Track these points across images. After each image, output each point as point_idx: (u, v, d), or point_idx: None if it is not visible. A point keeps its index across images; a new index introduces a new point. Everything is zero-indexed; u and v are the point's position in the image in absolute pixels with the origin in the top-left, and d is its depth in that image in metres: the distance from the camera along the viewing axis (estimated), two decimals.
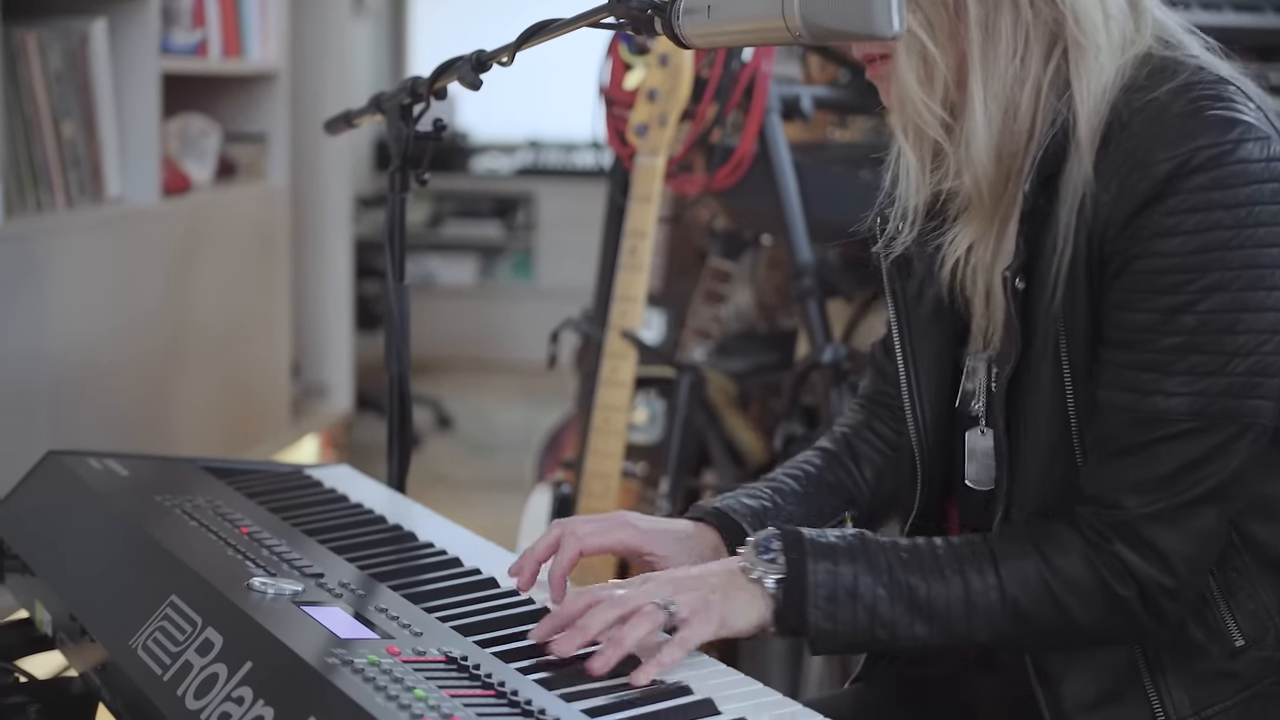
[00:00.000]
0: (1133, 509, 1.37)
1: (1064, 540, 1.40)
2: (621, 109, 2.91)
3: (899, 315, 1.59)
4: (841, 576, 1.40)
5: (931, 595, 1.40)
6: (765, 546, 1.42)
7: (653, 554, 1.57)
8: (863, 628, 1.40)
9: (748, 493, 1.68)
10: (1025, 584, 1.40)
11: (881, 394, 1.77)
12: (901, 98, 1.44)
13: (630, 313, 2.83)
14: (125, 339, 3.57)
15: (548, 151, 7.78)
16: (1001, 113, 1.42)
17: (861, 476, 1.73)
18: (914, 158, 1.47)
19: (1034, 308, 1.43)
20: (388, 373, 1.96)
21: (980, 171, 1.43)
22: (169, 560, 1.53)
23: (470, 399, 6.79)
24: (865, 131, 3.49)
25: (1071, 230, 1.39)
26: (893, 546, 1.43)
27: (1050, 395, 1.43)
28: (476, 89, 1.76)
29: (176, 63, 3.87)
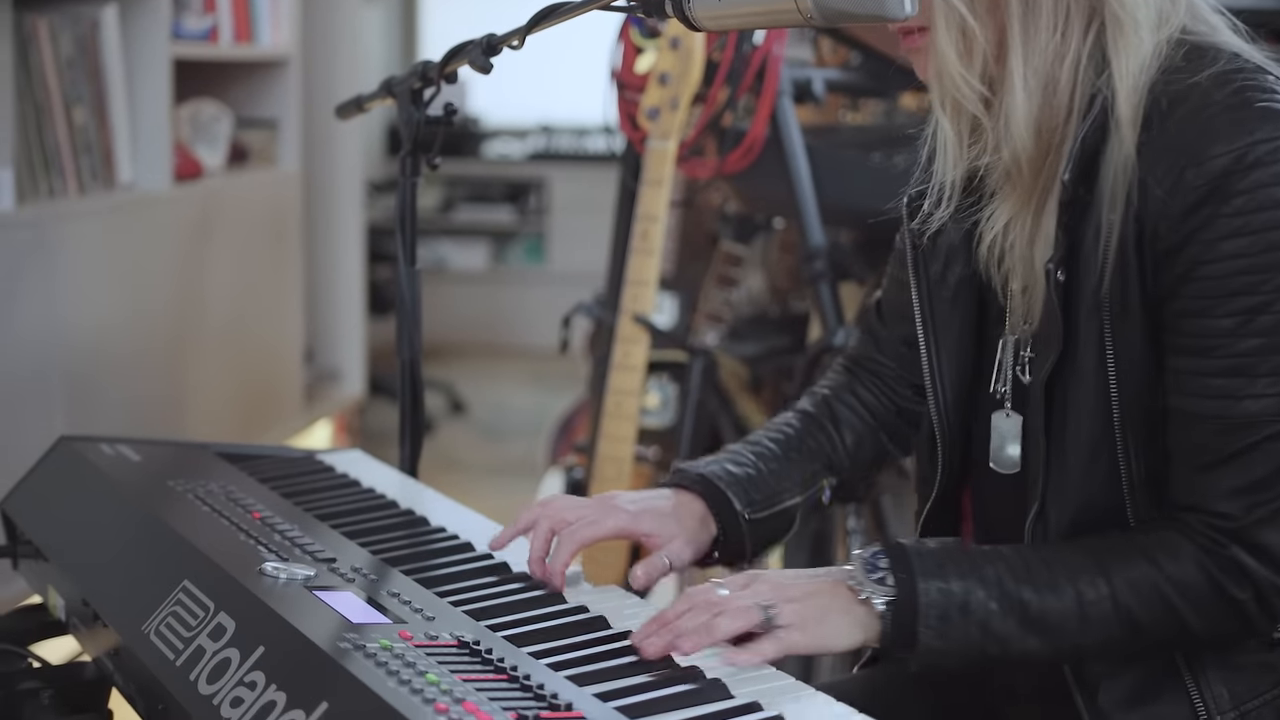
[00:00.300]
0: (1239, 516, 1.35)
1: (1175, 546, 1.37)
2: (633, 93, 2.90)
3: (921, 294, 1.57)
4: (953, 594, 1.37)
5: (1045, 608, 1.37)
6: (873, 564, 1.40)
7: (646, 535, 1.58)
8: (974, 644, 1.38)
9: (731, 458, 1.67)
10: (1138, 592, 1.37)
11: (869, 358, 1.76)
12: (939, 71, 1.41)
13: (642, 297, 2.82)
14: (138, 325, 3.58)
15: (559, 136, 7.77)
16: (1041, 88, 1.39)
17: (841, 442, 1.72)
18: (951, 132, 1.44)
19: (1075, 297, 1.41)
20: (399, 357, 1.96)
21: (1019, 147, 1.40)
22: (181, 545, 1.53)
23: (483, 383, 6.79)
24: (877, 114, 3.48)
25: (1116, 218, 1.37)
26: (1000, 557, 1.40)
27: (1094, 388, 1.41)
28: (487, 73, 1.76)
29: (188, 48, 3.87)
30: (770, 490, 1.65)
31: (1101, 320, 1.39)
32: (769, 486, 1.65)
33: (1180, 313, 1.36)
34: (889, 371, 1.75)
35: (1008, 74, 1.39)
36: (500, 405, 6.52)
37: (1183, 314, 1.35)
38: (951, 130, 1.44)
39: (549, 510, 1.58)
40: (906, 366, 1.72)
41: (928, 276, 1.56)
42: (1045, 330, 1.44)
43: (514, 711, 1.16)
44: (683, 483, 1.64)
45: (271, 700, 1.21)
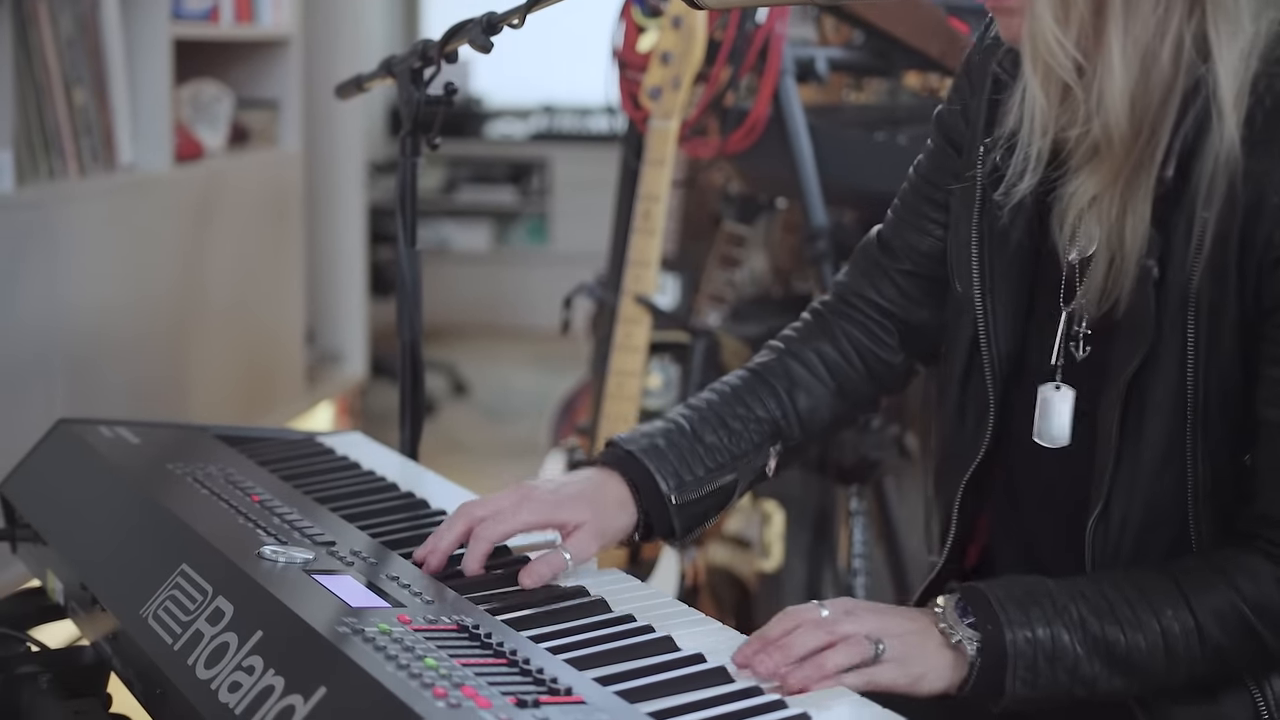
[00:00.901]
0: None
1: (1255, 569, 1.36)
2: (635, 72, 2.89)
3: (982, 253, 1.52)
4: (1040, 644, 1.35)
5: (1130, 647, 1.36)
6: (963, 609, 1.38)
7: (564, 524, 1.53)
8: (1062, 688, 1.36)
9: (666, 429, 1.61)
10: (1223, 621, 1.35)
11: (853, 300, 1.69)
12: (1034, 33, 1.36)
13: (644, 277, 2.81)
14: (139, 307, 3.57)
15: (562, 116, 7.75)
16: (1140, 62, 1.34)
17: (792, 406, 1.66)
18: (1041, 98, 1.39)
19: (1162, 293, 1.38)
20: (400, 339, 1.95)
21: (1113, 120, 1.35)
22: (180, 529, 1.52)
23: (485, 365, 6.78)
24: (880, 94, 3.47)
25: (1212, 215, 1.33)
26: (1081, 595, 1.37)
27: (1173, 389, 1.38)
28: (487, 51, 1.74)
29: (188, 28, 3.86)
30: (706, 467, 1.60)
31: (1186, 319, 1.36)
32: (703, 464, 1.60)
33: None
34: (873, 312, 1.68)
35: (1105, 43, 1.34)
36: (503, 386, 6.51)
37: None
38: (1041, 96, 1.39)
39: (465, 508, 1.54)
40: (905, 302, 1.66)
41: (991, 241, 1.52)
42: (1132, 324, 1.39)
43: (513, 696, 1.15)
44: (609, 461, 1.59)
45: (270, 685, 1.20)
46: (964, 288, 1.55)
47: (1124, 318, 1.40)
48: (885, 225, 1.70)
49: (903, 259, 1.66)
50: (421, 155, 1.93)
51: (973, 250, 1.53)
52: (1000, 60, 1.51)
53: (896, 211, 1.69)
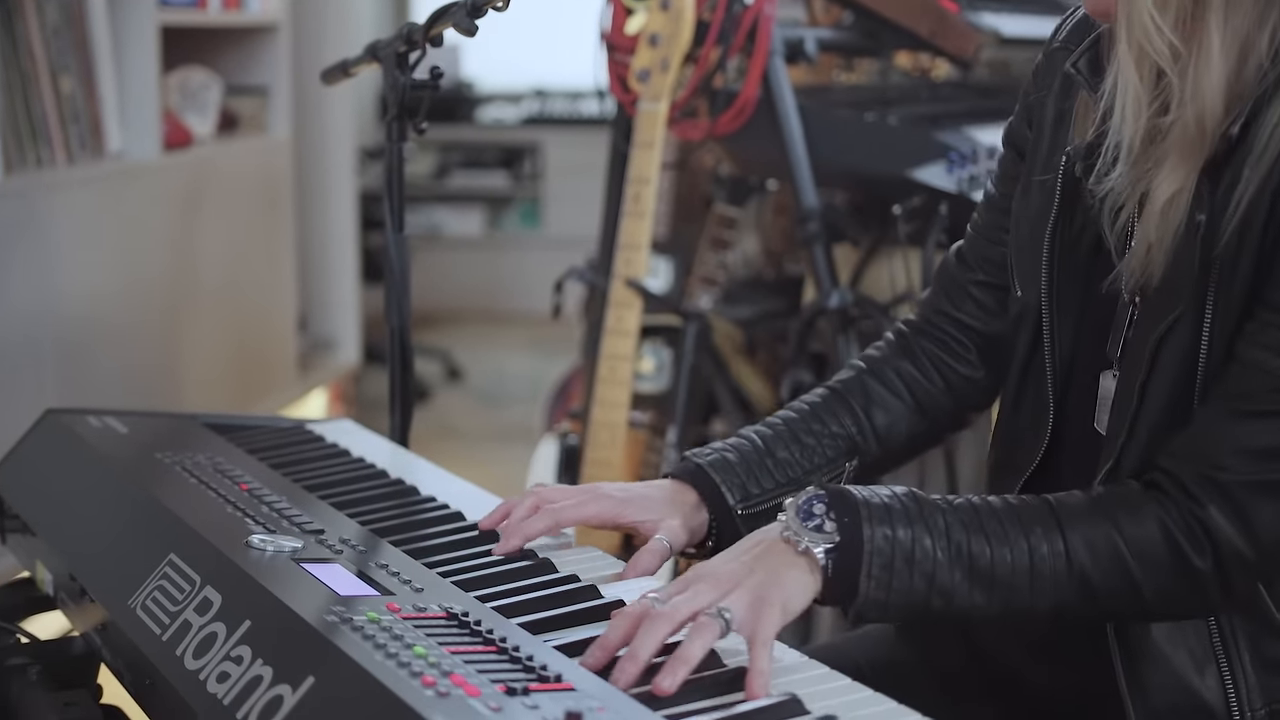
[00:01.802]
0: (1239, 472, 1.31)
1: (1139, 504, 1.34)
2: (623, 54, 2.88)
3: (1051, 270, 1.50)
4: (899, 543, 1.31)
5: (994, 561, 1.32)
6: (808, 511, 1.33)
7: (633, 522, 1.53)
8: (918, 596, 1.32)
9: (736, 445, 1.61)
10: (1094, 551, 1.33)
11: (934, 318, 1.69)
12: (1130, 15, 1.34)
13: (635, 261, 2.80)
14: (129, 295, 3.56)
15: (553, 100, 7.74)
16: (1239, 52, 1.31)
17: (869, 423, 1.66)
18: (1136, 81, 1.35)
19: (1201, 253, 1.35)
20: (388, 325, 1.94)
21: (1208, 110, 1.32)
22: (168, 518, 1.51)
23: (479, 350, 6.78)
24: (871, 74, 3.46)
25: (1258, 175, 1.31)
26: (950, 507, 1.35)
27: (1187, 348, 1.36)
28: (472, 34, 1.74)
29: (175, 15, 3.84)
30: (774, 481, 1.59)
31: (1209, 276, 1.34)
32: (772, 478, 1.59)
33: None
34: (953, 329, 1.68)
35: (1205, 31, 1.31)
36: (497, 371, 6.50)
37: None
38: (1136, 79, 1.35)
39: (538, 491, 1.55)
40: (981, 312, 1.66)
41: (1063, 243, 1.50)
42: (1169, 282, 1.37)
43: (502, 683, 1.14)
44: (679, 473, 1.60)
45: (258, 675, 1.20)
46: (1027, 292, 1.54)
47: (1163, 280, 1.38)
48: (964, 241, 1.71)
49: (976, 270, 1.67)
50: (409, 140, 1.92)
51: (1043, 256, 1.51)
52: (1075, 62, 1.49)
53: (973, 225, 1.69)
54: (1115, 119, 1.38)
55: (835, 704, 1.20)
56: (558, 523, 1.52)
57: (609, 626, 1.27)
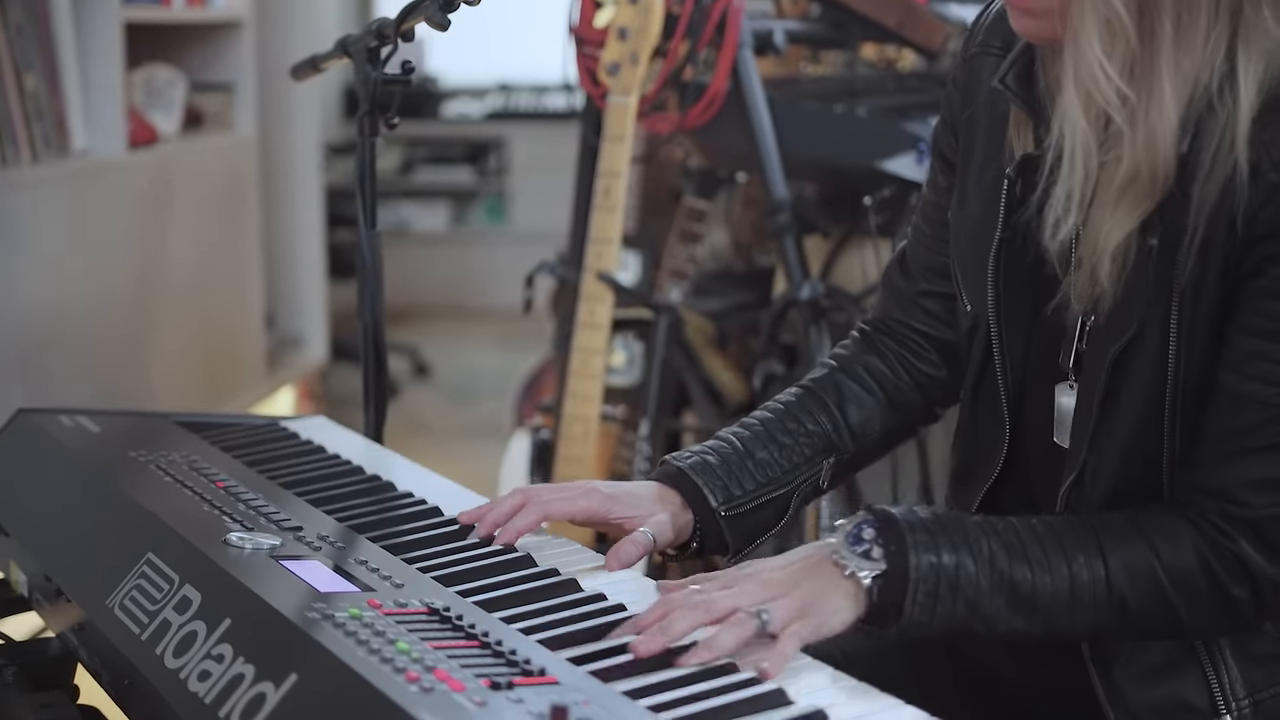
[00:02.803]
0: (1260, 507, 1.32)
1: (1177, 534, 1.34)
2: (592, 48, 2.87)
3: (998, 285, 1.50)
4: (944, 569, 1.32)
5: (1036, 588, 1.33)
6: (857, 536, 1.34)
7: (621, 517, 1.53)
8: (960, 620, 1.34)
9: (717, 447, 1.61)
10: (1134, 578, 1.33)
11: (889, 319, 1.69)
12: (1077, 61, 1.31)
13: (606, 254, 2.80)
14: (96, 294, 3.54)
15: (518, 94, 7.73)
16: (1189, 93, 1.30)
17: (844, 420, 1.66)
18: (1085, 127, 1.33)
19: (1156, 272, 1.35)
20: (361, 321, 1.93)
21: (1161, 156, 1.31)
22: (144, 517, 1.51)
23: (447, 346, 6.76)
24: (837, 65, 3.46)
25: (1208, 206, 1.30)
26: (994, 532, 1.35)
27: (1153, 365, 1.36)
28: (445, 29, 1.73)
29: (139, 12, 3.82)
30: (755, 481, 1.59)
31: (1172, 292, 1.33)
32: (753, 478, 1.59)
33: (1261, 292, 1.30)
34: (909, 333, 1.68)
35: (1156, 77, 1.30)
36: (465, 367, 6.49)
37: (1263, 294, 1.30)
38: (1085, 125, 1.33)
39: (526, 489, 1.55)
40: (932, 321, 1.66)
41: (1008, 259, 1.49)
42: (1126, 299, 1.36)
43: (486, 678, 1.14)
44: (661, 477, 1.60)
45: (240, 673, 1.19)
46: (976, 306, 1.54)
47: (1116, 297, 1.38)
48: (905, 247, 1.70)
49: (921, 281, 1.67)
50: (380, 135, 1.91)
51: (989, 274, 1.50)
52: (1003, 77, 1.47)
53: (914, 231, 1.68)
54: (1064, 168, 1.36)
55: (820, 697, 1.20)
56: (546, 515, 1.52)
57: (653, 606, 1.31)
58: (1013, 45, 1.49)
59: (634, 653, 1.24)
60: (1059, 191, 1.37)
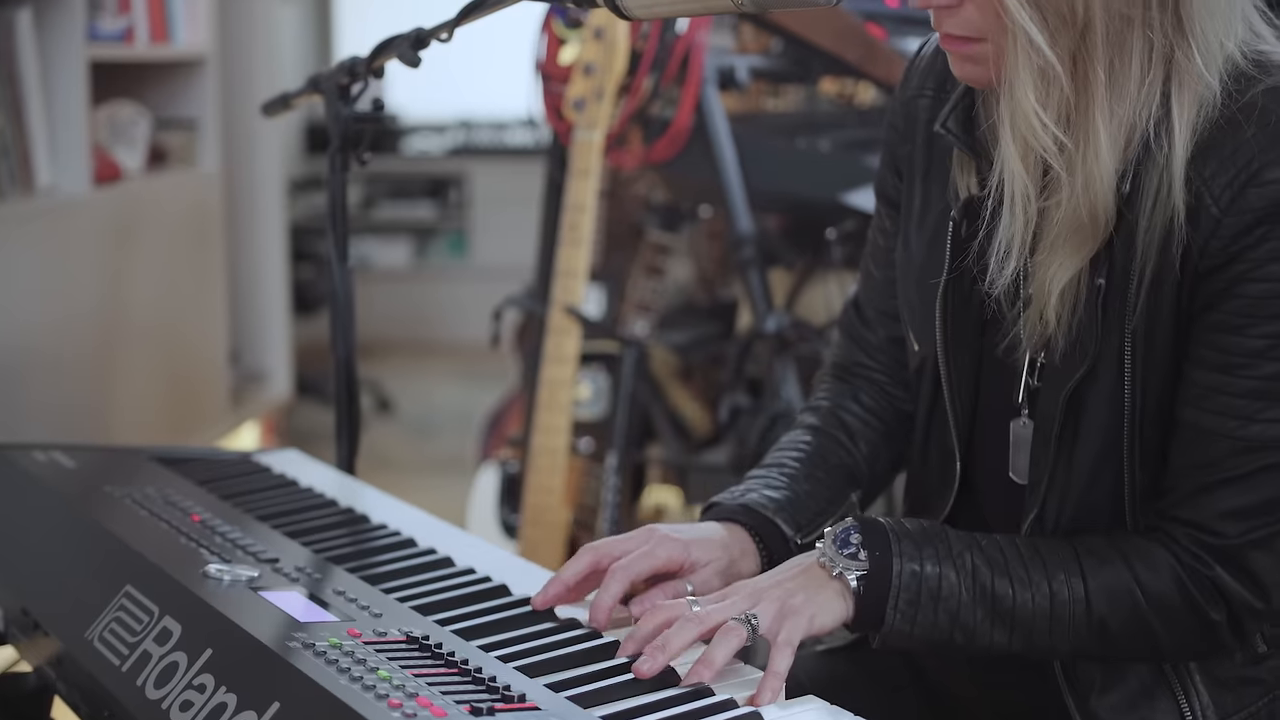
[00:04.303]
0: (1233, 536, 1.34)
1: (1155, 558, 1.36)
2: (558, 84, 2.90)
3: (945, 326, 1.50)
4: (926, 578, 1.35)
5: (1016, 603, 1.36)
6: (844, 540, 1.37)
7: (695, 564, 1.47)
8: (941, 631, 1.36)
9: (764, 483, 1.59)
10: (1113, 599, 1.36)
11: (856, 364, 1.70)
12: (1013, 110, 1.32)
13: (572, 288, 2.82)
14: (60, 330, 3.53)
15: (479, 130, 7.76)
16: (1124, 139, 1.32)
17: (860, 454, 1.66)
18: (1023, 175, 1.34)
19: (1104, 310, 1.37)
20: (334, 354, 1.95)
21: (1099, 201, 1.32)
22: (122, 550, 1.51)
23: (409, 381, 6.76)
24: (798, 100, 3.50)
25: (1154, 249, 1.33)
26: (978, 546, 1.38)
27: (1109, 400, 1.38)
28: (416, 66, 1.75)
29: (104, 50, 3.83)
30: (811, 512, 1.58)
31: (1124, 329, 1.36)
32: (809, 509, 1.58)
33: (1213, 326, 1.32)
34: (880, 375, 1.69)
35: (1091, 123, 1.32)
36: (428, 402, 6.49)
37: (1215, 328, 1.32)
38: (1022, 173, 1.34)
39: (597, 548, 1.47)
40: (898, 367, 1.67)
41: (955, 301, 1.50)
42: (1073, 340, 1.38)
43: (467, 704, 1.16)
44: (726, 515, 1.55)
45: (222, 702, 1.20)
46: (924, 345, 1.55)
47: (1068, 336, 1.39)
48: (859, 291, 1.71)
49: (878, 328, 1.68)
50: (350, 171, 1.93)
51: (936, 314, 1.51)
52: (944, 122, 1.48)
53: (864, 277, 1.69)
54: (1005, 216, 1.38)
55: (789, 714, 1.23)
56: (632, 577, 1.44)
57: (642, 621, 1.33)
58: (946, 87, 1.51)
59: (636, 674, 1.27)
60: (1000, 237, 1.39)
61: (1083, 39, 1.30)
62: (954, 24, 1.36)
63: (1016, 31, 1.30)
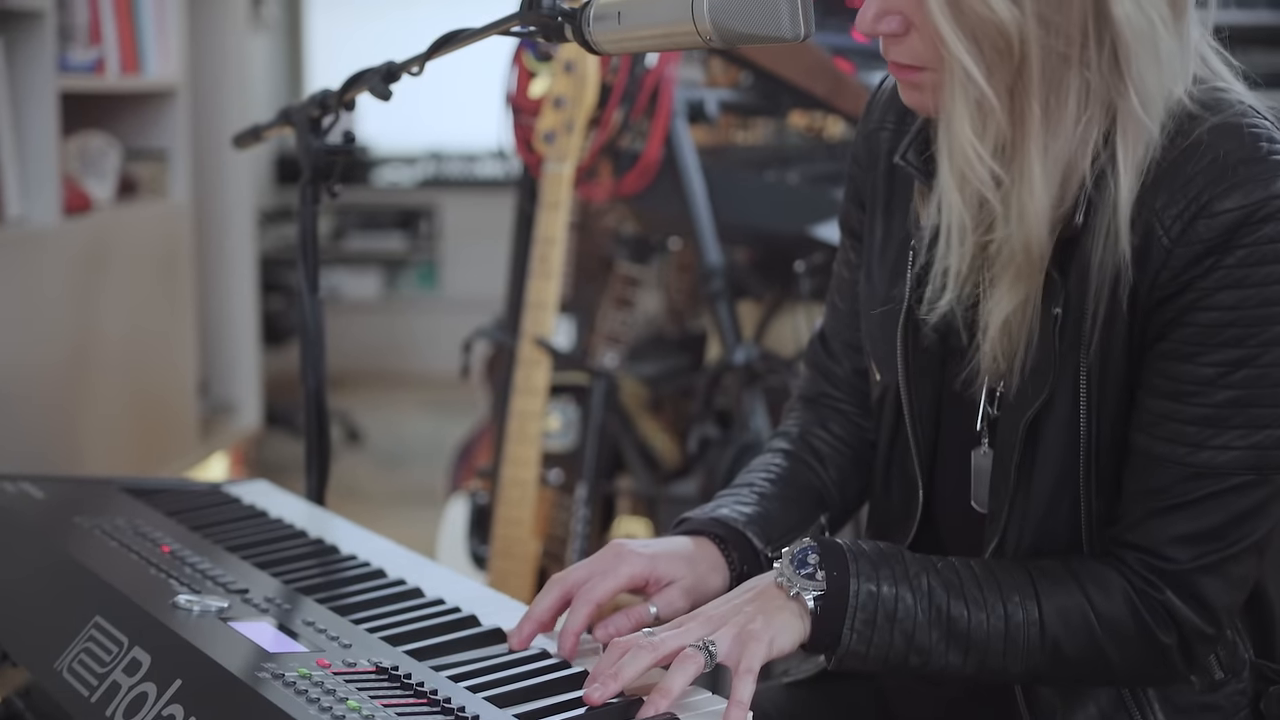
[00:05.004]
0: (1183, 561, 1.36)
1: (1108, 582, 1.38)
2: (528, 117, 2.92)
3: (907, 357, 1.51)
4: (883, 600, 1.36)
5: (971, 625, 1.37)
6: (802, 560, 1.38)
7: (660, 579, 1.49)
8: (897, 652, 1.37)
9: (736, 499, 1.60)
10: (1067, 622, 1.37)
11: (823, 394, 1.72)
12: (951, 142, 1.34)
13: (542, 320, 2.83)
14: (29, 361, 3.53)
15: (449, 162, 7.77)
16: (1060, 175, 1.33)
17: (829, 478, 1.68)
18: (960, 205, 1.35)
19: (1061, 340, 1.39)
20: (304, 385, 1.95)
21: (1034, 235, 1.34)
22: (91, 581, 1.51)
23: (379, 412, 6.76)
24: (767, 133, 3.52)
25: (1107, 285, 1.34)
26: (934, 568, 1.39)
27: (1065, 429, 1.40)
28: (387, 99, 1.76)
29: (74, 81, 3.83)
30: (782, 528, 1.59)
31: (1079, 359, 1.38)
32: (780, 525, 1.59)
33: (1164, 354, 1.34)
34: (847, 406, 1.71)
35: (1025, 157, 1.33)
36: (397, 433, 6.49)
37: (1167, 356, 1.34)
38: (960, 204, 1.36)
39: (564, 579, 1.49)
40: (861, 398, 1.69)
41: (915, 333, 1.50)
42: (1032, 369, 1.40)
43: None
44: (696, 529, 1.56)
45: None
46: (885, 375, 1.56)
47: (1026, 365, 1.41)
48: (825, 323, 1.73)
49: (844, 360, 1.70)
50: (320, 203, 1.94)
51: (898, 345, 1.52)
52: (904, 154, 1.49)
53: (829, 310, 1.71)
54: (941, 246, 1.40)
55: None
56: (599, 602, 1.46)
57: (604, 655, 1.33)
58: (907, 120, 1.53)
59: (587, 702, 1.27)
60: (937, 268, 1.41)
61: (1019, 74, 1.31)
62: (900, 52, 1.38)
63: (953, 64, 1.31)
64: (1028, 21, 1.29)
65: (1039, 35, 1.29)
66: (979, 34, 1.30)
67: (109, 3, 4.02)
